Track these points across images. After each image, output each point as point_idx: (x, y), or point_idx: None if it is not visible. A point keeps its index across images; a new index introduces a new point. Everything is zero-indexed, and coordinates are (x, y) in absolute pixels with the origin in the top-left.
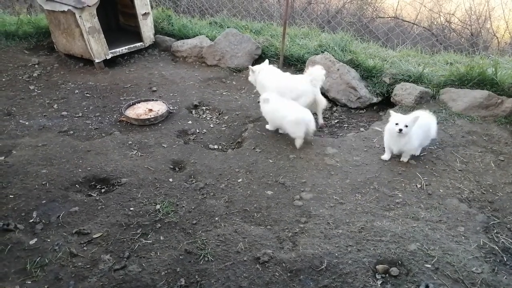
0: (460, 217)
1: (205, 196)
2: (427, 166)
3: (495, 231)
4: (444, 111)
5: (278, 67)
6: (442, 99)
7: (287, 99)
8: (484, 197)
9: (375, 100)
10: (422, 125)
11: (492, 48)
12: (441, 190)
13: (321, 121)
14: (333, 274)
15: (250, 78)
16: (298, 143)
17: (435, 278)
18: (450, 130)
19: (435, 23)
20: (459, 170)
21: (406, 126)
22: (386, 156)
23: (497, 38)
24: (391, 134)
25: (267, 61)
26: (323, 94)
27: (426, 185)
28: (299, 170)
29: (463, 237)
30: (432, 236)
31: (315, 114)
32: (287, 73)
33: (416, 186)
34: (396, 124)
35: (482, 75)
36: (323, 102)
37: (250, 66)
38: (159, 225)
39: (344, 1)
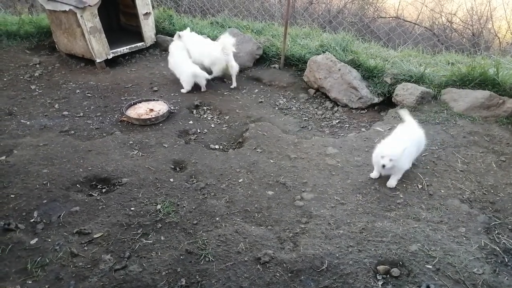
0: (461, 217)
1: (206, 196)
2: (428, 167)
3: (496, 232)
4: (445, 111)
5: (280, 68)
6: (443, 99)
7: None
8: (485, 198)
9: (376, 100)
10: (415, 142)
11: (494, 48)
12: (442, 191)
13: (234, 84)
14: (334, 275)
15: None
16: (185, 90)
17: (436, 279)
18: (451, 131)
19: (437, 23)
20: (461, 171)
21: (391, 160)
22: (375, 174)
23: (499, 38)
24: (377, 163)
25: (188, 28)
26: (325, 94)
27: (427, 185)
28: (300, 170)
29: (464, 238)
30: (433, 236)
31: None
32: (206, 40)
33: (417, 186)
34: (382, 157)
35: (484, 75)
36: (235, 67)
37: (177, 32)
38: (160, 225)
39: (345, 1)
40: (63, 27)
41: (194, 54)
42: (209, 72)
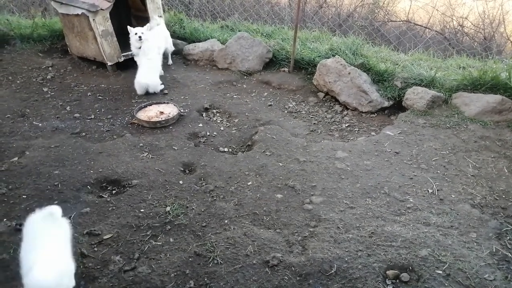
0: (472, 223)
1: (214, 198)
2: (439, 171)
3: (508, 237)
4: (456, 115)
5: (289, 71)
6: (454, 103)
7: None
8: (497, 203)
9: (386, 104)
10: None
11: (506, 52)
12: (453, 196)
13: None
14: (343, 279)
15: None
16: None
17: (446, 284)
18: (462, 135)
19: (448, 27)
20: (472, 176)
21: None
22: None
23: (511, 42)
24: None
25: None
26: (334, 97)
27: (437, 190)
28: (309, 174)
29: (475, 243)
30: (443, 241)
31: None
32: None
33: (428, 191)
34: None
35: (496, 79)
36: None
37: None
38: (169, 227)
39: (355, 5)
40: (75, 30)
41: None
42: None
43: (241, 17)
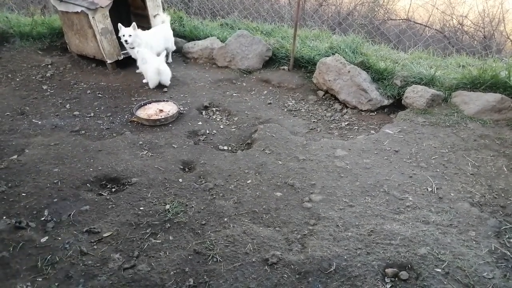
0: (471, 221)
1: (214, 196)
2: (438, 170)
3: (507, 236)
4: (456, 114)
5: (289, 69)
6: (454, 102)
7: None
8: (496, 202)
9: (386, 102)
10: None
11: (506, 51)
12: (452, 194)
13: None
14: (342, 277)
15: None
16: None
17: (445, 282)
18: (462, 134)
19: (448, 25)
20: (471, 174)
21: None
22: None
23: (511, 40)
24: None
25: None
26: (334, 96)
27: (437, 188)
28: (309, 172)
29: (474, 242)
30: (442, 240)
31: None
32: None
33: (427, 189)
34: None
35: (495, 78)
36: None
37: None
38: (168, 225)
39: (355, 3)
40: (74, 28)
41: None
42: None
43: (241, 15)
